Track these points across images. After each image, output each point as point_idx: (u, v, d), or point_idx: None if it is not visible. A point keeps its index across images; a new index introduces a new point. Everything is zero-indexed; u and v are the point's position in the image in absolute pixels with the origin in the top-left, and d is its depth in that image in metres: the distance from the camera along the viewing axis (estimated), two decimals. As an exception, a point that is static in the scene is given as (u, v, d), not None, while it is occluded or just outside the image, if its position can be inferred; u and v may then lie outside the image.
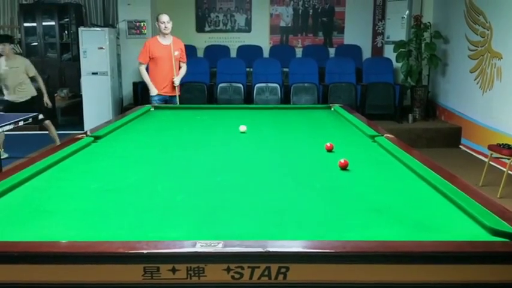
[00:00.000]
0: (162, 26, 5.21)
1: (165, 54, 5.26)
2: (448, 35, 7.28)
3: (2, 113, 5.35)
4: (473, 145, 6.35)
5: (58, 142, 6.01)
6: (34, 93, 6.08)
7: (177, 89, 5.39)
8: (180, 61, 5.42)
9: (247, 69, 7.69)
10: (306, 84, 7.24)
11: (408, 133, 6.59)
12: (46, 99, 6.18)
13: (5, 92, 5.94)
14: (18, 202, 1.78)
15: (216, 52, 8.30)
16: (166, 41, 5.30)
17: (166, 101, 5.37)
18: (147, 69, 5.41)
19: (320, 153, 2.58)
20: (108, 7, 9.03)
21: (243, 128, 3.17)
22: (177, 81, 5.29)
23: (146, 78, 5.34)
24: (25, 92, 5.98)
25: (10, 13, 9.44)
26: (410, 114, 7.17)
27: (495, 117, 5.77)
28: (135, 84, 7.57)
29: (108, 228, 1.53)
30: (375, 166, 2.36)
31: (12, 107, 5.78)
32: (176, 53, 5.31)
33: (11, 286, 1.32)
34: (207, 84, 7.37)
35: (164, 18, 5.23)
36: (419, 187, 1.96)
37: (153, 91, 5.29)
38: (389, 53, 7.91)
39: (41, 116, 5.26)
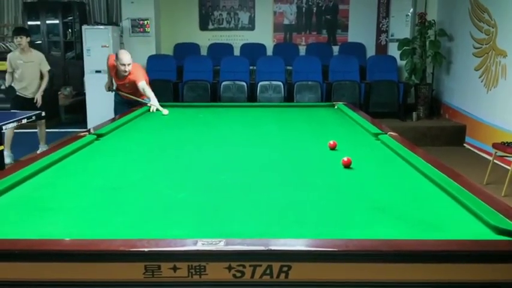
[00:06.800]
0: None
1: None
2: (452, 32, 7.24)
3: (15, 110, 5.34)
4: (478, 143, 6.31)
5: (43, 144, 6.05)
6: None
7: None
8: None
9: (251, 67, 7.67)
10: (309, 82, 7.22)
11: (412, 131, 6.56)
12: (39, 96, 5.91)
13: (17, 86, 5.85)
14: (20, 200, 1.77)
15: (220, 50, 8.29)
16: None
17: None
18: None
19: (323, 151, 2.57)
20: (112, 5, 9.03)
21: (165, 111, 4.01)
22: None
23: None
24: (38, 87, 5.95)
25: (14, 11, 9.45)
26: (414, 112, 7.15)
27: (500, 116, 5.73)
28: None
29: (110, 226, 1.52)
30: (379, 164, 2.34)
31: (24, 102, 5.75)
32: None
33: (11, 284, 1.32)
34: (211, 83, 7.35)
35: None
36: (423, 185, 1.95)
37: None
38: (393, 50, 7.87)
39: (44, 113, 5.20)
